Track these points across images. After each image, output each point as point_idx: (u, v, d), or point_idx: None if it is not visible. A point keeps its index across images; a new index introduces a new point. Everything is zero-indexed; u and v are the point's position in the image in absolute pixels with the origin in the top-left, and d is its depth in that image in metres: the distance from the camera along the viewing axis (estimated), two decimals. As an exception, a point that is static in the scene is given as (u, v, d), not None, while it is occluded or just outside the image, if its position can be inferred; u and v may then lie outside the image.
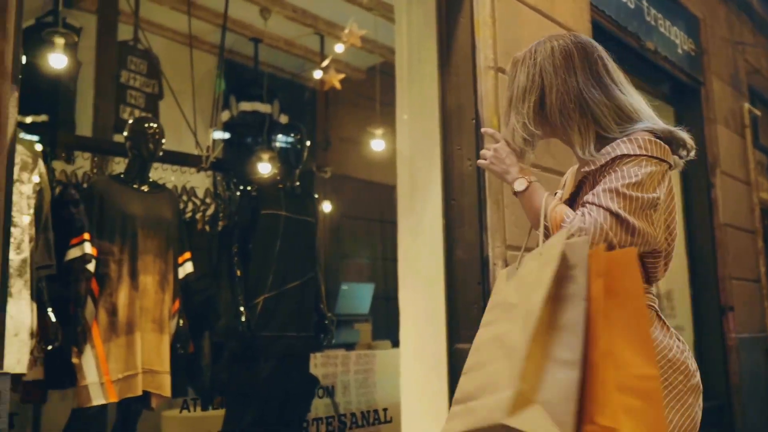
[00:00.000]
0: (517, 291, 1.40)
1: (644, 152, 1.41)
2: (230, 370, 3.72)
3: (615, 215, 1.36)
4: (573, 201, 1.56)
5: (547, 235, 1.50)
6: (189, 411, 3.46)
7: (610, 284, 1.30)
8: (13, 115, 1.64)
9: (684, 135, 1.50)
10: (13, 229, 2.51)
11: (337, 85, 5.50)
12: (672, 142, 1.48)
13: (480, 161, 1.69)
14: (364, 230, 6.55)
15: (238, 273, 3.56)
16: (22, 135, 3.49)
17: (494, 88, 2.99)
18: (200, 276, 3.70)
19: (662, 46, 4.48)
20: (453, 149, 3.04)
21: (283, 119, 5.74)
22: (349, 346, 4.99)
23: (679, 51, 4.74)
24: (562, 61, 1.53)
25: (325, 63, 5.68)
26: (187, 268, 3.51)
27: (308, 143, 3.89)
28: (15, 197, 2.40)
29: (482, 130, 1.79)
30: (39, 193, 2.94)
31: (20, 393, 3.10)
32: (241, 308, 3.50)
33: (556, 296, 1.32)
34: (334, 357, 4.32)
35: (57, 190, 3.32)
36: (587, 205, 1.41)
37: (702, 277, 4.87)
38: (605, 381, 1.25)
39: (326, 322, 3.86)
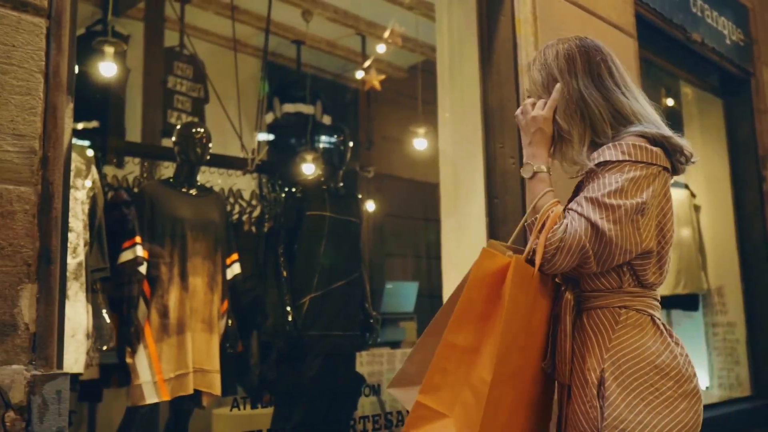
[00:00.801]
0: None
1: (628, 158, 1.44)
2: (278, 369, 3.77)
3: (593, 226, 1.40)
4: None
5: (529, 230, 1.53)
6: (239, 409, 3.52)
7: (493, 290, 1.43)
8: (68, 126, 1.70)
9: (681, 141, 1.51)
10: (69, 234, 2.59)
11: (377, 86, 5.52)
12: (666, 147, 1.49)
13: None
14: (407, 229, 6.56)
15: (284, 273, 3.61)
16: (74, 141, 3.59)
17: (536, 86, 2.97)
18: (247, 277, 3.76)
19: (709, 38, 4.39)
20: (495, 147, 3.04)
21: (326, 120, 5.79)
22: (395, 345, 5.01)
23: (727, 42, 4.64)
24: (566, 64, 1.57)
25: (366, 63, 5.71)
26: (234, 269, 3.58)
27: (351, 144, 3.92)
28: (70, 203, 2.48)
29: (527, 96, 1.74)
30: (92, 198, 3.03)
31: (77, 392, 3.21)
32: (288, 308, 3.55)
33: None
34: (380, 355, 4.34)
35: (109, 195, 3.42)
36: (571, 212, 1.45)
37: (754, 272, 4.76)
38: (451, 372, 1.40)
39: (371, 320, 3.89)
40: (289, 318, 3.53)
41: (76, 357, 2.78)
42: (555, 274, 1.53)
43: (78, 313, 2.82)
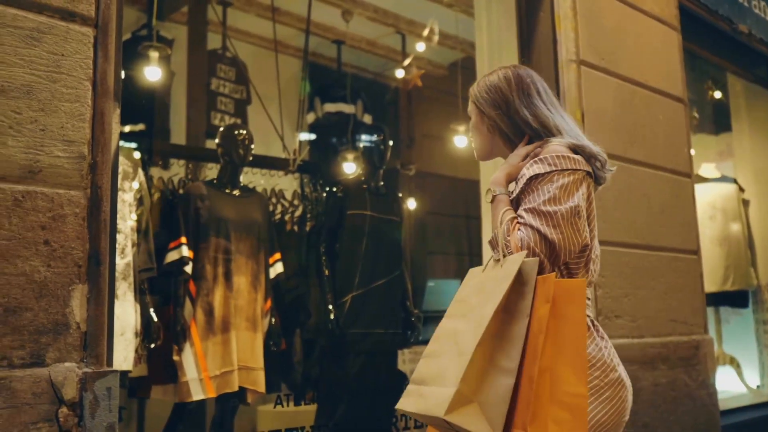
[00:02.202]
0: (478, 294, 1.56)
1: (554, 168, 1.60)
2: (321, 367, 3.82)
3: (537, 231, 1.55)
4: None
5: (493, 246, 1.64)
6: (283, 406, 3.58)
7: (557, 308, 1.47)
8: (116, 131, 1.76)
9: (594, 149, 1.67)
10: (117, 236, 2.66)
11: (419, 82, 5.54)
12: (582, 154, 1.65)
13: None
14: (449, 226, 6.55)
15: (326, 272, 3.64)
16: (122, 144, 3.68)
17: (577, 81, 2.95)
18: (290, 276, 3.81)
19: (757, 28, 4.29)
20: (536, 145, 3.02)
21: (367, 119, 5.81)
22: (437, 342, 5.01)
23: (776, 32, 4.52)
24: (504, 86, 1.75)
25: (407, 62, 5.72)
26: (277, 269, 3.62)
27: (391, 143, 3.93)
28: (118, 205, 2.55)
29: None
30: (139, 200, 3.10)
31: (126, 388, 3.30)
32: (330, 306, 3.58)
33: (508, 309, 1.49)
34: (422, 353, 4.36)
35: (155, 197, 3.50)
36: (519, 226, 1.59)
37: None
38: (541, 393, 1.43)
39: (413, 318, 3.90)
40: (331, 316, 3.56)
41: (125, 355, 2.86)
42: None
43: (127, 312, 2.90)
